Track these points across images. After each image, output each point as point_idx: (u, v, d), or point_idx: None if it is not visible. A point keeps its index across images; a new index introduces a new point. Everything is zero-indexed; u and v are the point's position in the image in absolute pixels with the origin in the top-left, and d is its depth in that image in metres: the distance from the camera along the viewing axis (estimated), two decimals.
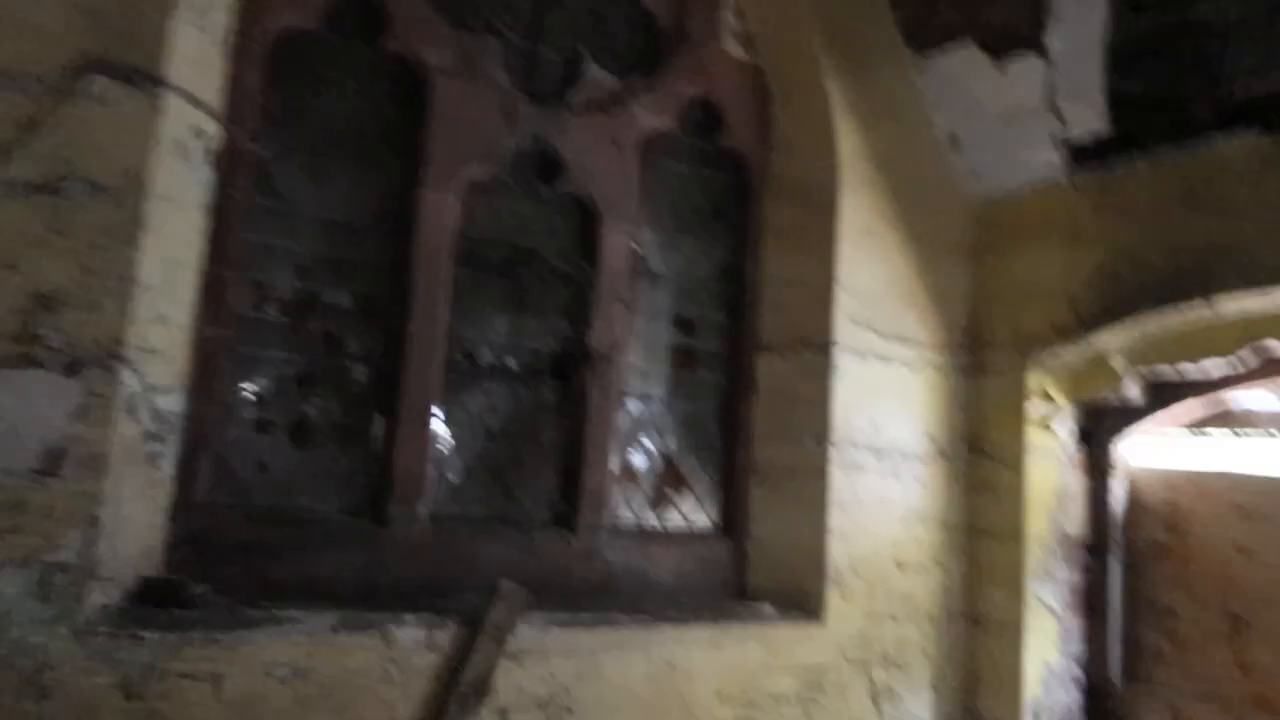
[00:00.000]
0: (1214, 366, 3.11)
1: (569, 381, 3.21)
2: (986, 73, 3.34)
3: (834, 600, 3.26)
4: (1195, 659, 3.19)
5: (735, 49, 3.52)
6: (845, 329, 3.36)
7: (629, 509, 3.31)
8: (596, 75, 3.27)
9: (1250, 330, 2.98)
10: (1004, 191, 3.52)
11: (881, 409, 3.42)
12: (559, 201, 3.23)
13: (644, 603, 3.12)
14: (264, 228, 2.77)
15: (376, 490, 2.85)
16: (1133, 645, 3.36)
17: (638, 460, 3.36)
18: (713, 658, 3.02)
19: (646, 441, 3.39)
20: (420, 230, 2.92)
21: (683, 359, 3.47)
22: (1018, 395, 3.46)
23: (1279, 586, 3.00)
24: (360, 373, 2.90)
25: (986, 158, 3.50)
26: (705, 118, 3.46)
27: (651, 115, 3.33)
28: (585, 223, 3.25)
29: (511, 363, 3.16)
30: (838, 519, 3.29)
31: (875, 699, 3.31)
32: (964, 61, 3.37)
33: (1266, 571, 3.03)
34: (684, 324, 3.47)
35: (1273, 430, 3.15)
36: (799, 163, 3.49)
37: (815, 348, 3.37)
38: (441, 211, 2.95)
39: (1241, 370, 3.05)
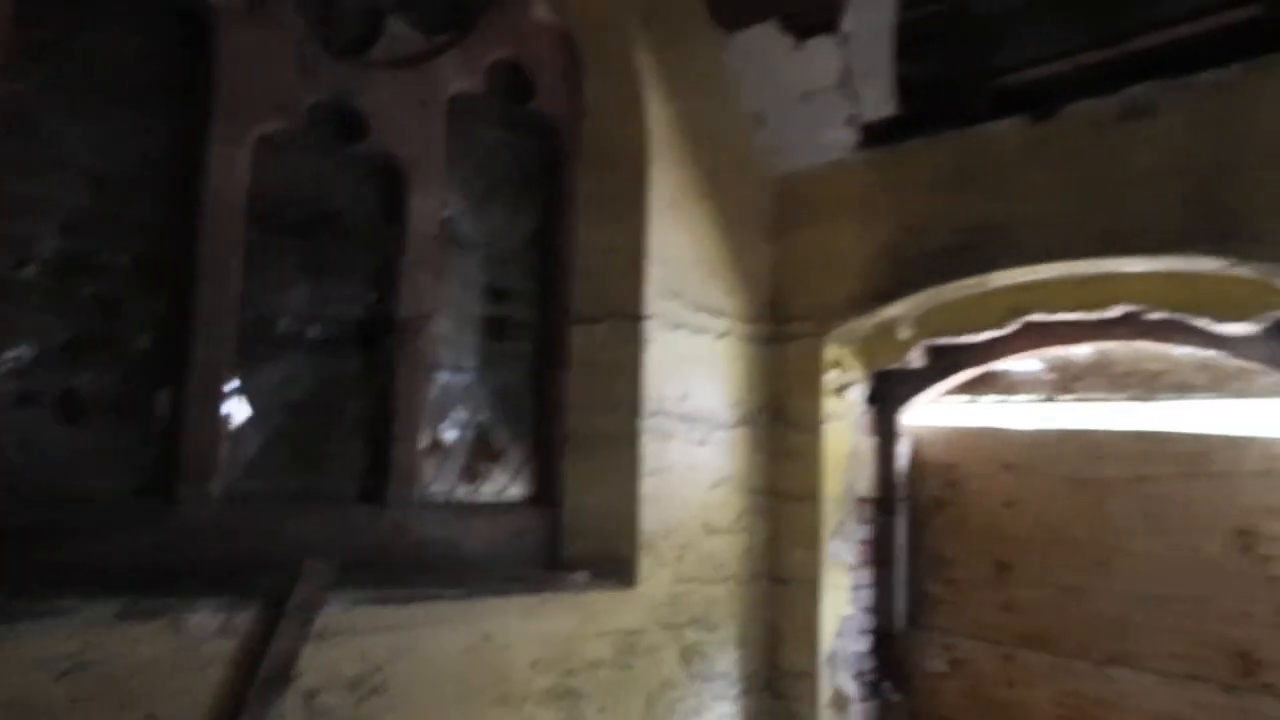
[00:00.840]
0: (986, 334, 3.41)
1: (376, 351, 3.08)
2: (788, 53, 3.49)
3: (646, 565, 3.33)
4: (968, 602, 3.51)
5: (546, 13, 3.47)
6: (656, 300, 3.42)
7: (441, 482, 3.23)
8: (400, 30, 3.13)
9: (1016, 303, 3.29)
10: (804, 168, 3.69)
11: (691, 378, 3.52)
12: (363, 162, 3.08)
13: (458, 576, 3.06)
14: (22, 177, 2.46)
15: (164, 468, 2.63)
16: (916, 593, 3.66)
17: (449, 432, 3.28)
18: (529, 627, 3.01)
19: (458, 413, 3.31)
20: (207, 186, 2.69)
21: (495, 329, 3.41)
22: (816, 364, 3.65)
23: (1037, 533, 3.35)
24: (142, 342, 2.65)
25: (788, 135, 3.66)
26: (515, 81, 3.40)
27: (459, 76, 3.23)
28: (391, 185, 3.11)
29: (313, 332, 2.99)
30: (649, 486, 3.35)
31: (686, 659, 3.42)
32: (767, 41, 3.50)
33: (1027, 520, 3.38)
34: (496, 293, 3.41)
35: (1033, 393, 3.50)
36: (609, 131, 3.51)
37: (627, 318, 3.40)
38: (230, 166, 2.73)
39: (1008, 337, 3.36)
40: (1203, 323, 2.88)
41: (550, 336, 3.48)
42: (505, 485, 3.38)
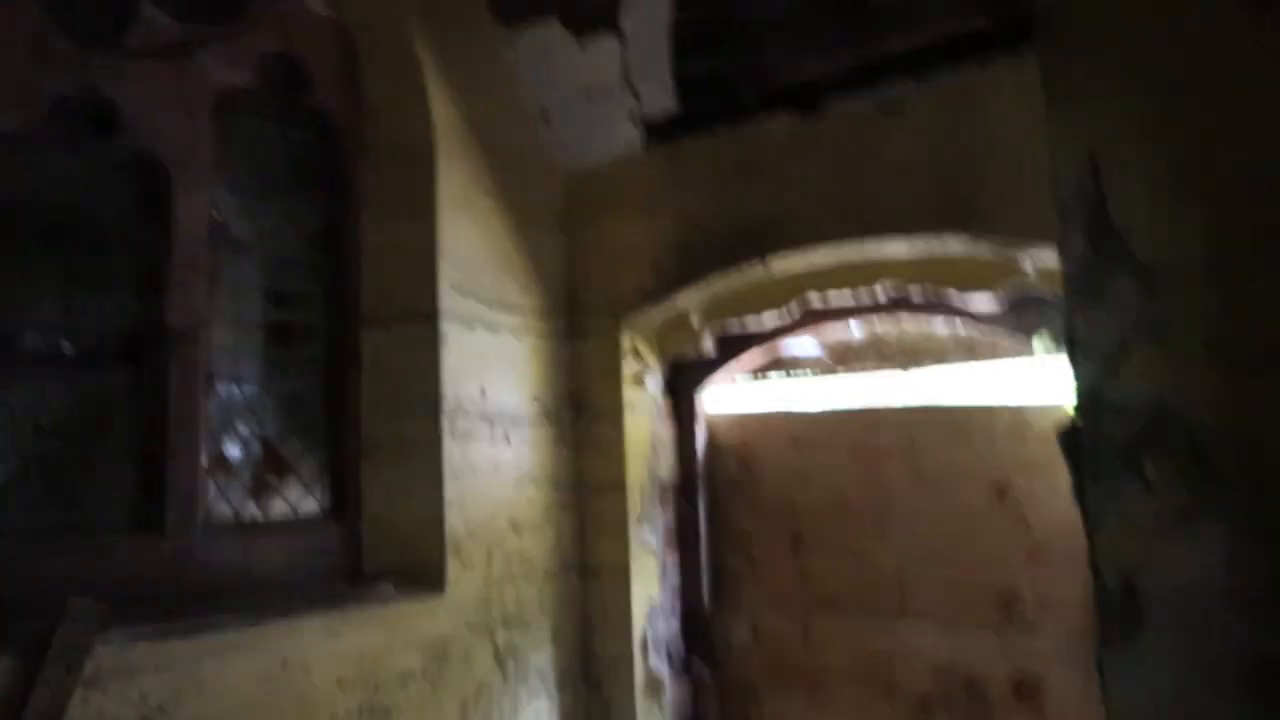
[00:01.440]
0: (769, 319, 3.60)
1: (143, 365, 2.83)
2: (571, 50, 3.53)
3: (454, 570, 3.26)
4: (767, 575, 3.69)
5: (319, 5, 3.32)
6: (450, 298, 3.35)
7: (226, 502, 3.01)
8: (154, 17, 2.89)
9: (795, 286, 3.49)
10: (592, 164, 3.75)
11: (490, 376, 3.48)
12: (119, 160, 2.82)
13: (250, 601, 2.87)
14: None
15: None
16: (719, 571, 3.80)
17: (233, 448, 3.07)
18: (330, 646, 2.86)
19: (242, 427, 3.10)
20: None
21: (279, 335, 3.23)
22: (613, 355, 3.72)
23: (825, 503, 3.58)
24: None
25: (574, 131, 3.70)
26: (289, 75, 3.23)
27: (225, 68, 3.03)
28: (153, 185, 2.87)
29: (67, 347, 2.71)
30: (453, 489, 3.28)
31: (500, 660, 3.38)
32: (550, 38, 3.53)
33: (815, 491, 3.60)
34: (278, 297, 3.22)
35: (813, 371, 3.74)
36: (393, 128, 3.41)
37: (421, 318, 3.32)
38: None
39: (790, 321, 3.57)
40: (955, 298, 3.18)
41: (341, 340, 3.33)
42: (299, 500, 3.21)
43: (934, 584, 3.32)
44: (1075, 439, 0.99)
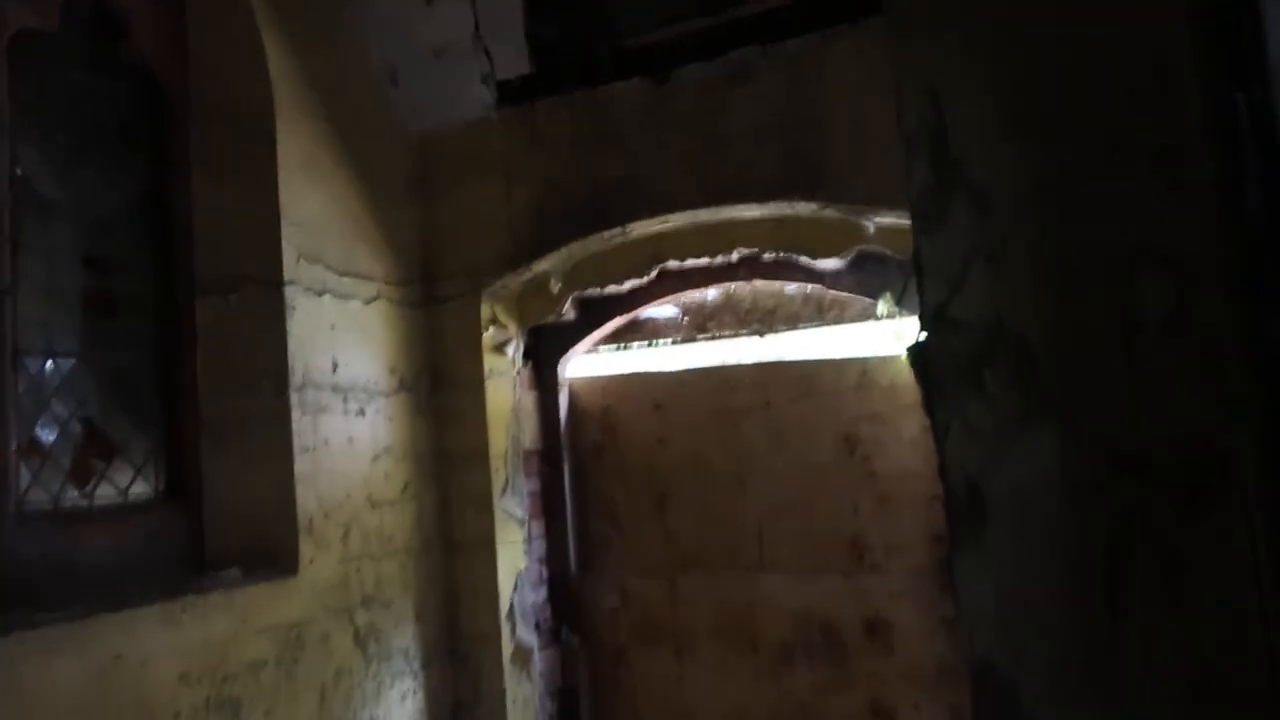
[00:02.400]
0: (629, 285, 3.60)
1: None
2: (418, 9, 3.39)
3: (307, 551, 3.11)
4: (633, 538, 3.72)
5: None
6: (295, 266, 3.17)
7: (42, 490, 2.75)
8: None
9: (653, 252, 3.51)
10: (443, 127, 3.63)
11: (341, 347, 3.33)
12: None
13: (75, 595, 2.63)
14: None
15: None
16: (585, 537, 3.80)
17: (48, 431, 2.80)
18: (170, 638, 2.67)
19: (59, 406, 2.84)
20: None
21: (100, 306, 2.97)
22: (473, 324, 3.63)
23: (685, 465, 3.63)
24: None
25: (424, 93, 3.57)
26: (100, 20, 2.95)
27: (24, 7, 2.73)
28: None
29: None
30: (304, 465, 3.13)
31: (360, 642, 3.26)
32: None
33: (676, 453, 3.64)
34: (97, 264, 2.96)
35: (673, 338, 3.77)
36: (226, 85, 3.18)
37: (263, 287, 3.13)
38: None
39: (648, 283, 3.58)
40: (805, 260, 3.27)
41: (173, 311, 3.10)
42: (128, 485, 2.97)
43: (790, 536, 3.43)
44: (923, 355, 1.02)
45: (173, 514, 3.03)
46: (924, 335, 1.01)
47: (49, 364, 2.81)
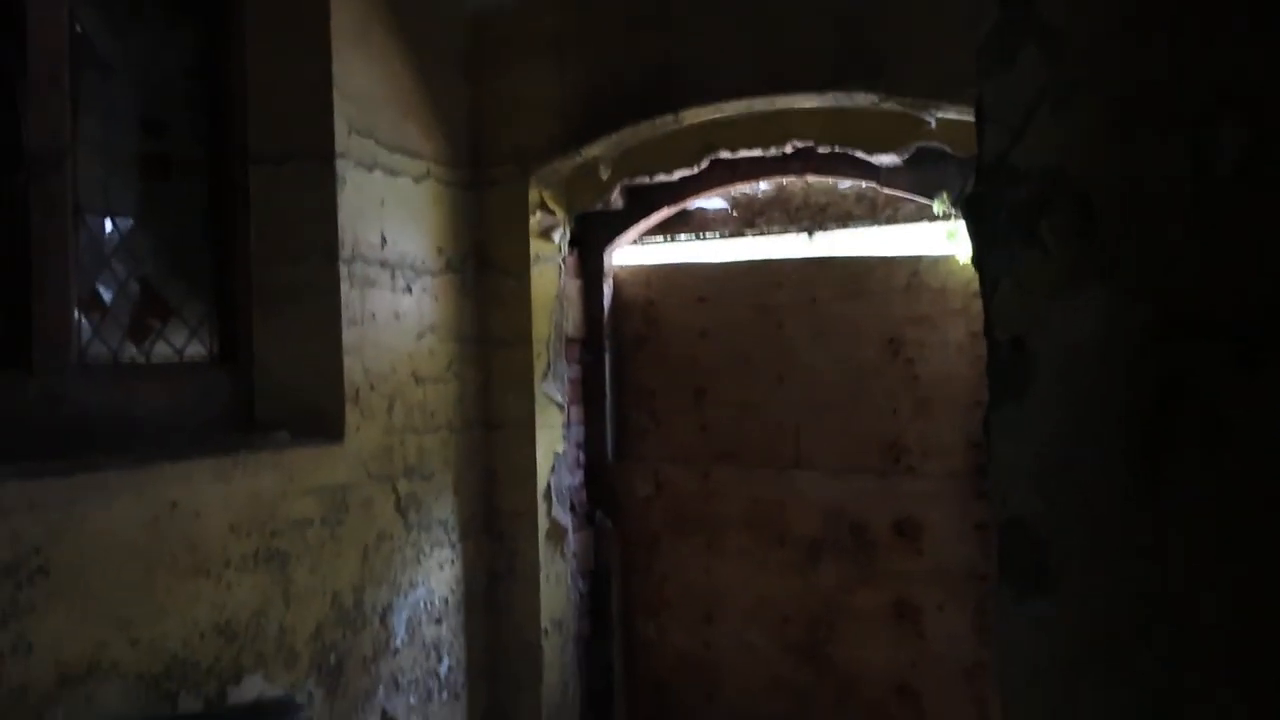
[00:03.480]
0: (680, 174, 3.54)
1: (1, 190, 2.60)
2: None
3: (353, 418, 3.20)
4: (670, 429, 3.76)
5: None
6: (346, 139, 3.17)
7: (102, 343, 2.85)
8: None
9: (705, 141, 3.43)
10: (497, 4, 3.54)
11: (390, 223, 3.35)
12: None
13: (132, 444, 2.75)
14: None
15: None
16: (623, 425, 3.85)
17: (109, 287, 2.88)
18: (222, 491, 2.79)
19: (118, 265, 2.91)
20: None
21: (157, 169, 3.01)
22: (521, 208, 3.61)
23: (726, 359, 3.63)
24: None
25: None
26: None
27: None
28: None
29: None
30: (351, 336, 3.19)
31: (401, 510, 3.37)
32: None
33: (718, 347, 3.64)
34: (153, 126, 2.98)
35: (721, 232, 3.73)
36: None
37: (315, 158, 3.13)
38: None
39: (699, 176, 3.52)
40: (861, 155, 3.18)
41: (226, 177, 3.13)
42: (183, 345, 3.06)
43: (827, 434, 3.44)
44: (978, 207, 0.99)
45: (224, 377, 3.12)
46: (980, 186, 0.98)
47: (108, 224, 2.87)
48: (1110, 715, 0.95)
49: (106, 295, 2.87)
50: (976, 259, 0.99)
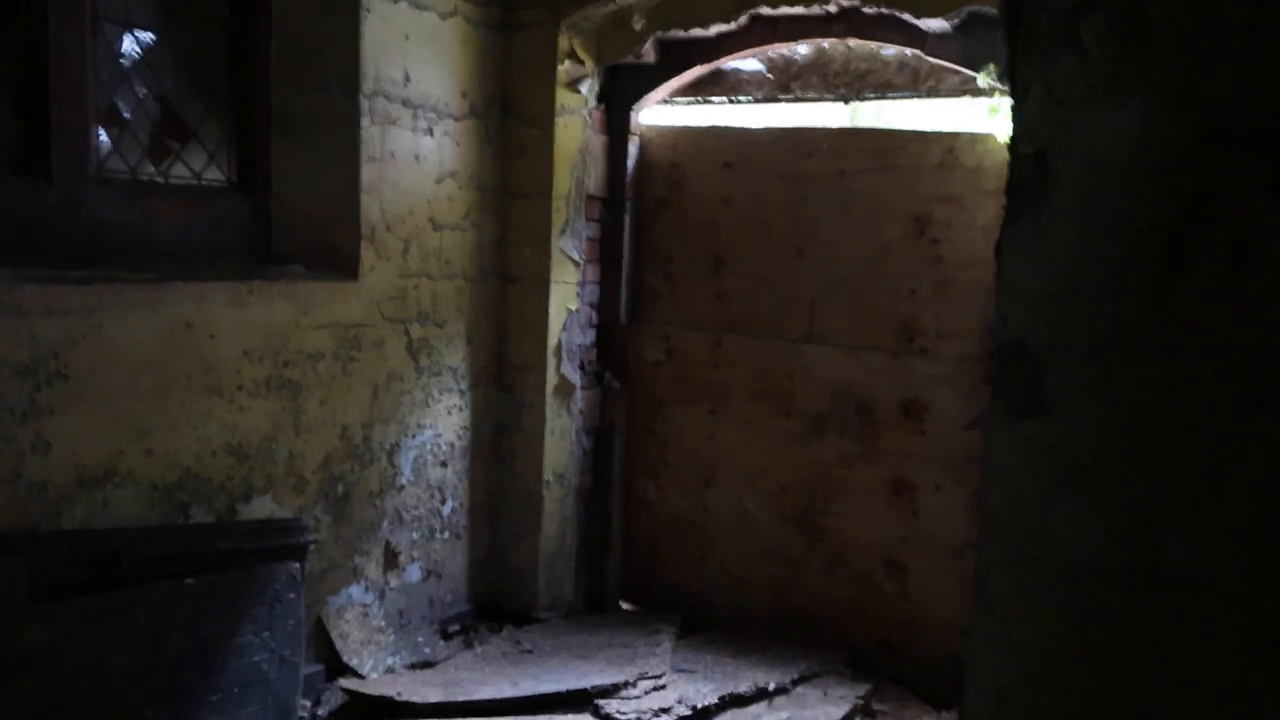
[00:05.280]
0: (716, 30, 3.39)
1: None
2: None
3: (369, 258, 3.20)
4: (685, 296, 3.73)
5: None
6: None
7: (121, 159, 2.82)
8: None
9: None
10: None
11: (414, 60, 3.25)
12: None
13: (149, 262, 2.77)
14: None
15: None
16: (638, 288, 3.83)
17: (128, 102, 2.84)
18: (237, 316, 2.82)
19: (138, 79, 2.86)
20: None
21: None
22: (549, 56, 3.50)
23: (748, 228, 3.57)
24: None
25: None
26: None
27: None
28: None
29: None
30: (370, 174, 3.15)
31: (412, 353, 3.41)
32: None
33: (740, 215, 3.57)
34: None
35: (755, 95, 3.60)
36: None
37: None
38: None
39: (736, 33, 3.37)
40: (908, 18, 3.03)
41: None
42: (202, 168, 3.03)
43: (842, 310, 3.41)
44: (1015, 9, 0.93)
45: (241, 203, 3.11)
46: None
47: (127, 35, 2.80)
48: (1083, 539, 0.95)
49: (125, 110, 2.83)
50: (1009, 67, 0.94)
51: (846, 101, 3.41)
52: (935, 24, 3.01)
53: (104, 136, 2.77)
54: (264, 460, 2.94)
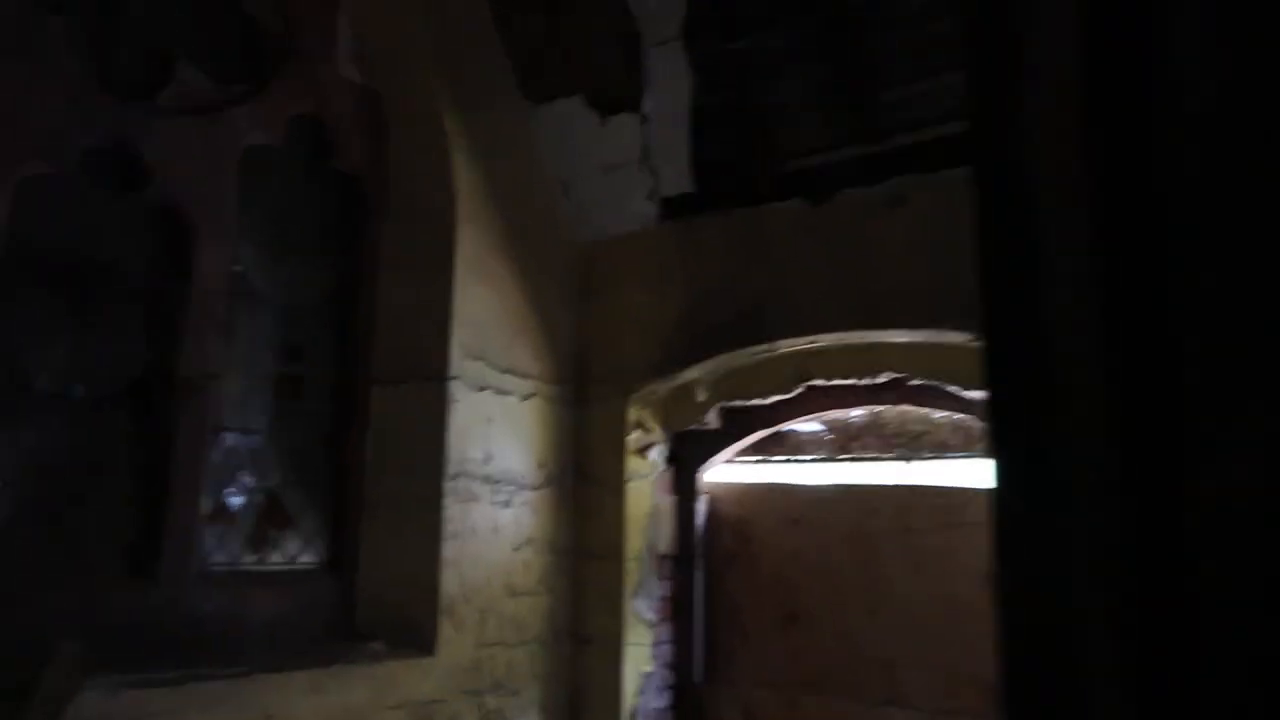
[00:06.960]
0: (774, 399, 3.64)
1: (151, 412, 2.88)
2: (593, 127, 3.64)
3: (446, 631, 3.25)
4: (759, 652, 3.67)
5: (351, 70, 3.45)
6: (460, 361, 3.40)
7: (225, 551, 3.03)
8: (191, 77, 3.00)
9: (800, 368, 3.54)
10: (607, 236, 3.83)
11: (495, 440, 3.51)
12: (143, 211, 2.91)
13: (239, 652, 2.86)
14: None
15: None
16: (712, 646, 3.78)
17: (235, 497, 3.10)
18: (315, 703, 2.85)
19: (246, 477, 3.13)
20: None
21: (289, 388, 3.28)
22: (619, 425, 3.75)
23: (818, 581, 3.57)
24: None
25: (593, 204, 3.79)
26: (317, 137, 3.34)
27: (255, 127, 3.14)
28: (175, 236, 2.95)
29: (78, 390, 2.76)
30: (451, 549, 3.29)
31: None
32: (573, 114, 3.64)
33: (810, 569, 3.59)
34: (291, 351, 3.28)
35: (816, 452, 3.76)
36: (416, 190, 3.50)
37: (430, 379, 3.37)
38: None
39: (793, 400, 3.60)
40: (954, 389, 3.22)
41: (349, 397, 3.38)
42: (297, 553, 3.22)
43: (922, 670, 3.29)
44: None
45: (331, 583, 3.25)
46: None
47: (240, 439, 3.11)
48: None
49: (233, 506, 3.07)
50: None
51: (906, 460, 3.53)
52: (979, 394, 3.17)
53: (210, 532, 2.99)
54: None
